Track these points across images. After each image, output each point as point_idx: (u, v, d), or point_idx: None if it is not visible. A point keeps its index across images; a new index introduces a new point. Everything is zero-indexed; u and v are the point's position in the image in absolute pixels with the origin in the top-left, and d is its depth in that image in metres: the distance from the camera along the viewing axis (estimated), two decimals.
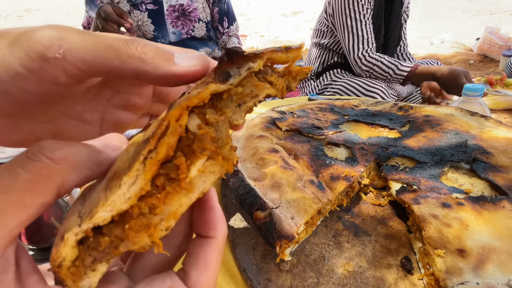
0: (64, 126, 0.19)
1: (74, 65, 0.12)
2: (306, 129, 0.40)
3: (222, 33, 1.15)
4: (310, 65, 1.38)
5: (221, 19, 1.13)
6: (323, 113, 0.49)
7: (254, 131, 0.39)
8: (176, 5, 1.03)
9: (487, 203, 0.24)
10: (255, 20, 6.07)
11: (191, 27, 1.08)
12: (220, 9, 1.10)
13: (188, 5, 1.03)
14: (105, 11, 0.81)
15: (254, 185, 0.29)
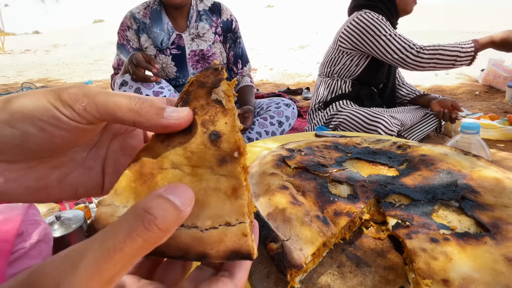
0: (71, 173, 0.21)
1: (91, 114, 0.17)
2: (312, 167, 0.45)
3: (236, 73, 1.27)
4: (318, 96, 1.45)
5: (236, 61, 1.25)
6: (328, 150, 0.54)
7: (266, 168, 0.45)
8: (197, 50, 1.15)
9: (471, 238, 0.28)
10: (265, 54, 6.43)
11: None
12: (235, 53, 1.23)
13: (208, 50, 1.16)
14: (136, 59, 0.92)
15: (268, 219, 0.33)
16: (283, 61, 5.51)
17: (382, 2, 1.24)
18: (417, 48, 1.14)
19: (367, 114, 1.20)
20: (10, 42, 11.77)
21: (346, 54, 1.31)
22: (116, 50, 1.18)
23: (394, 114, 1.27)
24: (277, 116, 1.15)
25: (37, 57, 8.43)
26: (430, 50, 1.12)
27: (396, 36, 1.17)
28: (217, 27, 1.18)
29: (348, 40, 1.26)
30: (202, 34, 1.15)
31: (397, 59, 1.17)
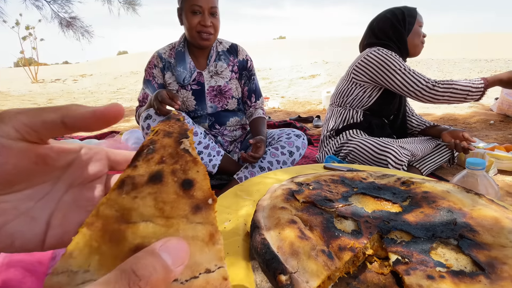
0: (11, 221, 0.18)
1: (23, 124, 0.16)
2: (319, 201, 0.48)
3: (250, 106, 1.36)
4: (329, 125, 1.49)
5: (250, 96, 1.35)
6: (335, 185, 0.57)
7: (277, 202, 0.48)
8: (215, 86, 1.26)
9: (466, 277, 0.30)
10: (276, 83, 6.67)
11: (226, 103, 1.30)
12: (249, 88, 1.34)
13: (225, 86, 1.27)
14: (161, 96, 1.03)
15: (277, 252, 0.36)
16: (294, 89, 5.68)
17: (393, 42, 1.32)
18: (432, 82, 1.20)
19: (376, 144, 1.22)
20: (42, 71, 12.79)
21: (359, 86, 1.37)
22: (142, 85, 1.30)
23: (404, 144, 1.29)
24: (288, 146, 1.20)
25: (66, 85, 9.10)
26: (445, 84, 1.18)
27: (411, 70, 1.23)
28: (233, 66, 1.30)
29: (362, 73, 1.33)
30: (220, 71, 1.26)
31: (413, 91, 1.22)
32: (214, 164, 1.19)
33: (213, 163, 1.18)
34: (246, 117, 1.41)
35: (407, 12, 1.30)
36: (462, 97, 1.17)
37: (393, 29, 1.31)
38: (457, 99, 1.18)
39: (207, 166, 1.18)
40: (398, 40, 1.31)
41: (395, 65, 1.24)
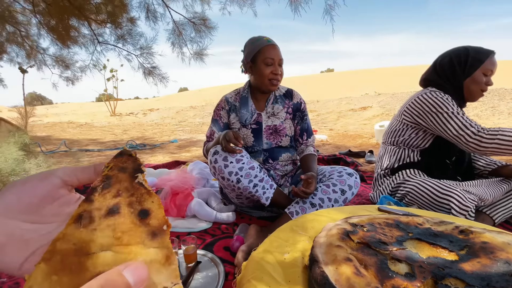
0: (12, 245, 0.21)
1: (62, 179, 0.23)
2: (374, 243, 0.53)
3: (301, 143, 1.48)
4: (383, 163, 1.47)
5: (302, 134, 1.47)
6: (389, 228, 0.61)
7: (333, 240, 0.55)
8: (271, 125, 1.43)
9: None
10: (324, 115, 6.69)
11: (280, 140, 1.44)
12: (301, 127, 1.47)
13: (280, 125, 1.43)
14: (228, 136, 1.21)
15: (336, 284, 0.43)
16: (343, 122, 5.61)
17: (450, 84, 1.27)
18: (478, 127, 1.12)
19: (437, 187, 1.16)
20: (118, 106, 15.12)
21: (411, 128, 1.35)
22: (210, 123, 1.52)
23: (469, 187, 1.19)
24: (339, 184, 1.23)
25: (137, 118, 10.58)
26: (491, 131, 1.08)
27: (459, 115, 1.17)
28: (288, 108, 1.46)
29: (412, 115, 1.32)
30: (277, 113, 1.44)
31: (456, 136, 1.15)
32: (267, 196, 1.28)
33: (266, 196, 1.28)
34: (297, 154, 1.51)
35: (474, 54, 1.21)
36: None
37: (451, 70, 1.26)
38: (507, 150, 1.04)
39: (261, 198, 1.28)
40: (453, 82, 1.26)
41: (442, 108, 1.18)
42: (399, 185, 1.33)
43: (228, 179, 1.25)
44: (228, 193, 1.43)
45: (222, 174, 1.25)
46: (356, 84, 13.66)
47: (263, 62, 1.32)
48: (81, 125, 8.35)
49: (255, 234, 1.21)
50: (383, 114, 5.79)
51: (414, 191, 1.23)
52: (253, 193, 1.27)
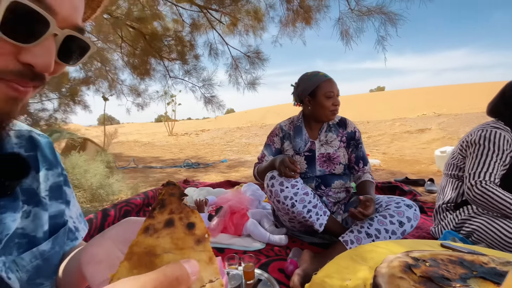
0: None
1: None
2: (437, 278, 0.56)
3: (358, 170, 1.51)
4: (445, 196, 1.40)
5: (358, 162, 1.52)
6: (452, 265, 0.63)
7: (395, 272, 0.59)
8: (325, 153, 1.50)
9: None
10: (376, 137, 6.37)
11: (333, 168, 1.50)
12: (356, 155, 1.52)
13: (333, 154, 1.49)
14: (286, 163, 1.30)
15: None
16: (398, 145, 5.28)
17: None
18: (481, 179, 1.13)
19: (507, 226, 1.08)
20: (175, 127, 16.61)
21: (466, 153, 1.28)
22: (263, 148, 1.63)
23: None
24: (397, 215, 1.21)
25: (191, 138, 11.51)
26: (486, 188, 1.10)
27: (487, 163, 1.15)
28: (342, 137, 1.52)
29: (463, 149, 1.29)
30: (330, 141, 1.50)
31: (466, 175, 1.18)
32: (321, 223, 1.32)
33: (320, 222, 1.33)
34: (354, 180, 1.54)
35: None
36: (502, 211, 1.06)
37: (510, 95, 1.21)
38: (496, 209, 1.07)
39: (315, 224, 1.33)
40: None
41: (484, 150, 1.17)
42: (464, 221, 1.24)
43: (283, 203, 1.34)
44: (281, 215, 1.51)
45: (278, 198, 1.34)
46: (410, 104, 12.74)
47: (324, 96, 1.42)
48: (145, 144, 9.43)
49: (309, 259, 1.25)
50: (445, 137, 5.28)
51: (481, 229, 1.15)
52: (306, 218, 1.32)
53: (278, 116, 23.74)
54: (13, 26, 0.31)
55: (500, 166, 1.15)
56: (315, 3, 2.93)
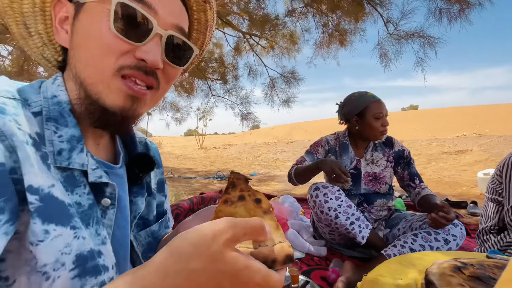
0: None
1: None
2: (485, 278, 0.63)
3: (415, 187, 1.52)
4: (488, 219, 1.40)
5: (412, 179, 1.53)
6: (499, 270, 0.69)
7: (445, 271, 0.67)
8: (371, 172, 1.54)
9: None
10: None
11: (379, 187, 1.54)
12: (410, 172, 1.53)
13: (380, 173, 1.53)
14: (342, 168, 1.30)
15: None
16: (436, 166, 5.06)
17: None
18: None
19: None
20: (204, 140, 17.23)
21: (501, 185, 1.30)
22: (304, 153, 1.65)
23: None
24: (442, 233, 1.23)
25: (219, 152, 11.91)
26: None
27: None
28: (389, 156, 1.55)
29: (500, 174, 1.30)
30: (376, 161, 1.54)
31: (506, 211, 1.20)
32: (363, 235, 1.38)
33: (362, 235, 1.38)
34: (412, 197, 1.53)
35: None
36: None
37: None
38: None
39: (357, 236, 1.37)
40: None
41: None
42: (509, 244, 1.23)
43: (326, 214, 1.41)
44: (321, 227, 1.57)
45: (322, 208, 1.42)
46: (447, 124, 12.08)
47: (373, 117, 1.47)
48: (178, 156, 9.93)
49: (351, 270, 1.31)
50: (488, 160, 4.97)
51: None
52: (349, 230, 1.38)
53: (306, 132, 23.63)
54: (127, 28, 0.39)
55: None
56: (350, 27, 3.10)
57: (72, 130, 0.41)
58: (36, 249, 0.34)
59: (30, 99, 0.40)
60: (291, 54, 3.77)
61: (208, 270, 0.26)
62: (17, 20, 0.44)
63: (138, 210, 0.57)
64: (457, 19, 2.30)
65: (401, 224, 1.46)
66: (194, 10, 0.51)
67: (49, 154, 0.38)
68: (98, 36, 0.39)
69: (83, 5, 0.41)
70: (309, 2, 3.03)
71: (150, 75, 0.42)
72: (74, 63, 0.42)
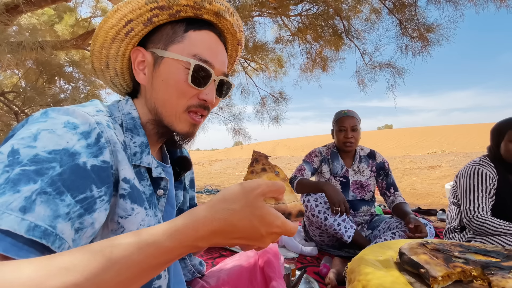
0: None
1: None
2: (442, 249, 0.86)
3: (390, 196, 1.76)
4: (451, 220, 1.66)
5: (388, 188, 1.77)
6: (454, 247, 0.92)
7: (413, 245, 0.89)
8: (357, 181, 1.79)
9: None
10: None
11: (364, 194, 1.78)
12: (387, 182, 1.79)
13: (365, 182, 1.77)
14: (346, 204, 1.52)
15: (417, 261, 0.77)
16: (409, 180, 5.47)
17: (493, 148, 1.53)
18: (475, 215, 1.40)
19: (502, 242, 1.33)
20: None
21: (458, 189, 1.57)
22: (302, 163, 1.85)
23: None
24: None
25: (204, 168, 11.88)
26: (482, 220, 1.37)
27: (476, 197, 1.43)
28: (372, 167, 1.82)
29: (456, 183, 1.58)
30: (362, 171, 1.80)
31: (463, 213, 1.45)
32: (349, 235, 1.59)
33: (348, 234, 1.59)
34: (387, 205, 1.79)
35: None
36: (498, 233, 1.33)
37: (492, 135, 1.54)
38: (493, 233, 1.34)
39: (344, 236, 1.59)
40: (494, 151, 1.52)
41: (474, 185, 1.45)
42: (470, 239, 1.49)
43: (317, 216, 1.62)
44: (312, 230, 1.77)
45: (313, 212, 1.63)
46: (419, 142, 12.96)
47: (338, 130, 1.77)
48: None
49: (340, 263, 1.51)
50: (455, 174, 5.48)
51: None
52: (336, 231, 1.59)
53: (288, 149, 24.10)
54: (196, 79, 0.54)
55: (487, 199, 1.44)
56: (331, 54, 3.51)
57: (142, 138, 0.55)
58: (125, 221, 0.49)
59: (113, 115, 0.54)
60: (278, 76, 4.12)
61: (245, 211, 0.36)
62: (101, 60, 0.58)
63: (178, 200, 0.74)
64: (420, 54, 2.77)
65: (381, 225, 1.70)
66: (229, 49, 0.68)
67: (129, 156, 0.51)
68: (175, 85, 0.54)
69: (163, 59, 0.55)
70: (295, 31, 3.42)
71: (206, 109, 0.59)
72: (152, 99, 0.56)
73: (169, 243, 0.34)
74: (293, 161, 9.61)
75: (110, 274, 0.30)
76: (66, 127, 0.41)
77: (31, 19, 3.23)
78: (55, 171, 0.37)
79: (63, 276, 0.28)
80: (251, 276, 0.82)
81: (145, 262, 0.33)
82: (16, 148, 0.37)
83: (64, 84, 4.13)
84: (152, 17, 0.53)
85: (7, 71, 3.93)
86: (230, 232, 0.36)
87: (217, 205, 0.37)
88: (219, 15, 0.57)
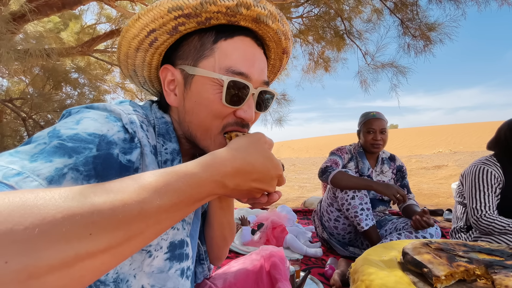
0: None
1: None
2: (446, 249, 0.85)
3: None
4: (458, 220, 1.65)
5: (402, 188, 1.79)
6: (458, 246, 0.91)
7: (416, 245, 0.89)
8: (380, 181, 1.74)
9: None
10: None
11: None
12: (402, 183, 1.82)
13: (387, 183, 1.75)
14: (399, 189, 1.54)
15: (421, 261, 0.78)
16: (415, 180, 5.42)
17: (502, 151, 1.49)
18: (482, 214, 1.39)
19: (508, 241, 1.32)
20: None
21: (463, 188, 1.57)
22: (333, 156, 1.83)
23: None
24: (421, 232, 1.46)
25: None
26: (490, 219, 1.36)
27: (482, 197, 1.42)
28: (393, 169, 1.87)
29: (462, 183, 1.57)
30: (385, 172, 1.84)
31: (470, 213, 1.44)
32: (367, 224, 1.57)
33: (366, 222, 1.57)
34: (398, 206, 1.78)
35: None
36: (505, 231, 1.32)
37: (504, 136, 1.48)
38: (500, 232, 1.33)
39: (362, 222, 1.57)
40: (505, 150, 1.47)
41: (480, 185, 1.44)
42: (476, 239, 1.47)
43: (345, 192, 1.61)
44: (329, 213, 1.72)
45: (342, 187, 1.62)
46: (425, 141, 12.84)
47: (366, 131, 1.78)
48: None
49: (345, 264, 1.50)
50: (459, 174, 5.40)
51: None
52: (357, 214, 1.58)
53: (293, 150, 24.05)
54: (232, 97, 0.47)
55: (493, 198, 1.42)
56: (333, 55, 3.51)
57: (174, 145, 0.51)
58: None
59: (148, 117, 0.51)
60: (281, 78, 4.13)
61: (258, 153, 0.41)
62: (128, 68, 0.56)
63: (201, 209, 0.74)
64: (422, 53, 2.75)
65: (387, 225, 1.69)
66: (272, 58, 0.60)
67: (159, 162, 0.48)
68: (209, 106, 0.48)
69: (193, 77, 0.49)
70: (296, 33, 3.43)
71: (245, 127, 0.52)
72: (186, 122, 0.51)
73: (202, 173, 0.34)
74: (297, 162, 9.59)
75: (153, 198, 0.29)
76: (108, 118, 0.42)
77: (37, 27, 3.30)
78: (91, 153, 0.37)
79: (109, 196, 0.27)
80: (257, 278, 0.83)
81: (182, 190, 0.32)
82: (58, 128, 0.38)
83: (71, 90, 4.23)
84: (177, 25, 0.47)
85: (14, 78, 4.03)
86: (249, 173, 0.39)
87: (233, 148, 0.39)
88: (260, 21, 0.49)
